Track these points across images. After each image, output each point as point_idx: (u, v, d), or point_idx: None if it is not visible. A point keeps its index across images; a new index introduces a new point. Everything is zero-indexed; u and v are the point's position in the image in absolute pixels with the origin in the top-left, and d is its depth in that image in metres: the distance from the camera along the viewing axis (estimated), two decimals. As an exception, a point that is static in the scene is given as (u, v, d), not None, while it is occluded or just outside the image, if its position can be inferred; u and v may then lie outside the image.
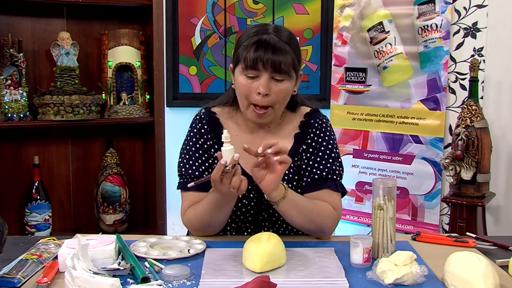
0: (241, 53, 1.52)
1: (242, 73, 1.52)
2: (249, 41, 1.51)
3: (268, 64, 1.47)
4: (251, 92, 1.51)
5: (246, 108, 1.55)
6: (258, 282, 1.14)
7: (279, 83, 1.51)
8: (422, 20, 2.62)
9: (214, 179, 1.35)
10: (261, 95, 1.49)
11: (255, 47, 1.49)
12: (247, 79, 1.51)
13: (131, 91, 2.75)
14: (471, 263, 1.20)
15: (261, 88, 1.48)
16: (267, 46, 1.48)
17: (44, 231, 2.59)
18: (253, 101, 1.51)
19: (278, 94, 1.51)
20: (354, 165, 2.85)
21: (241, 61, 1.51)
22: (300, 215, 1.50)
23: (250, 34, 1.53)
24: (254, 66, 1.48)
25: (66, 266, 1.18)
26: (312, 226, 1.54)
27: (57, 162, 2.75)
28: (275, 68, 1.48)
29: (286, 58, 1.49)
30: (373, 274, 1.27)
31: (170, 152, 2.69)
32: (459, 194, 2.44)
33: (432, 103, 2.63)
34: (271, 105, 1.52)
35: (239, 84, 1.53)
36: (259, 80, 1.49)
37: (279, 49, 1.49)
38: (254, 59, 1.48)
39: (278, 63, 1.48)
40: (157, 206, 2.72)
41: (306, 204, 1.52)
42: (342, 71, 2.87)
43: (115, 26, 2.73)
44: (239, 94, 1.56)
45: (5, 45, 2.48)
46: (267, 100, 1.50)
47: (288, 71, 1.50)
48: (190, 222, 1.58)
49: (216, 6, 3.02)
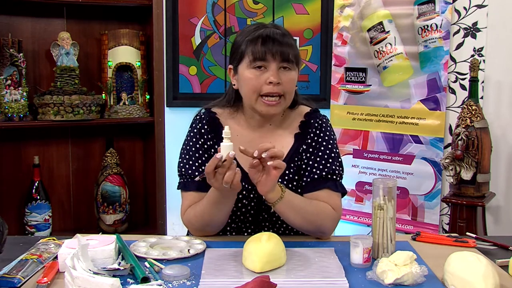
0: (245, 48, 1.54)
1: (249, 67, 1.53)
2: (252, 35, 1.54)
3: (278, 54, 1.51)
4: (261, 84, 1.52)
5: (255, 102, 1.55)
6: (258, 282, 1.14)
7: (287, 72, 1.53)
8: (422, 20, 2.62)
9: (207, 171, 1.36)
10: (273, 84, 1.50)
11: (262, 40, 1.52)
12: (255, 72, 1.52)
13: (131, 91, 2.75)
14: (471, 263, 1.20)
15: (272, 78, 1.50)
16: (273, 39, 1.52)
17: (44, 231, 2.59)
18: (264, 91, 1.52)
19: (289, 82, 1.53)
20: (354, 165, 2.85)
21: (246, 56, 1.53)
22: (298, 216, 1.50)
23: (251, 31, 1.56)
24: (263, 58, 1.51)
25: (66, 266, 1.18)
26: (311, 227, 1.54)
27: (57, 162, 2.75)
28: (284, 58, 1.52)
29: (292, 49, 1.54)
30: (373, 274, 1.27)
31: (170, 152, 2.69)
32: (459, 194, 2.44)
33: (432, 103, 2.63)
34: (282, 94, 1.53)
35: (246, 79, 1.54)
36: (268, 71, 1.51)
37: (284, 41, 1.53)
38: (263, 51, 1.51)
39: (286, 53, 1.52)
40: (157, 206, 2.72)
41: (304, 205, 1.53)
42: (342, 71, 2.87)
43: (115, 26, 2.73)
44: (247, 89, 1.55)
45: (5, 45, 2.48)
46: (278, 88, 1.52)
47: (294, 61, 1.54)
48: (190, 221, 1.58)
49: (216, 6, 3.02)
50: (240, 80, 1.57)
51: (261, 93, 1.52)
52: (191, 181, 1.60)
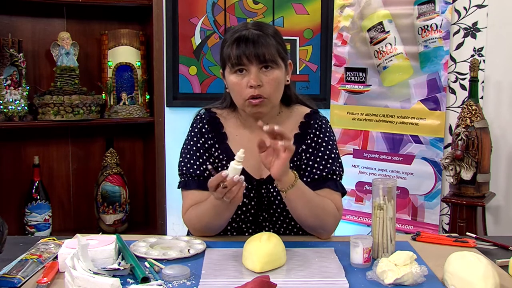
0: (225, 53, 1.55)
1: (231, 73, 1.54)
2: (230, 39, 1.54)
3: (252, 57, 1.50)
4: (244, 88, 1.52)
5: (242, 105, 1.56)
6: (258, 282, 1.14)
7: (268, 73, 1.53)
8: (422, 20, 2.62)
9: (210, 185, 1.37)
10: (253, 87, 1.50)
11: (237, 44, 1.51)
12: (237, 77, 1.53)
13: (131, 91, 2.75)
14: (471, 263, 1.20)
15: (252, 81, 1.50)
16: (247, 41, 1.51)
17: (44, 231, 2.59)
18: (247, 96, 1.52)
19: (270, 83, 1.53)
20: (354, 165, 2.85)
21: (227, 62, 1.54)
22: (305, 207, 1.49)
23: (231, 34, 1.56)
24: (240, 62, 1.51)
25: (66, 266, 1.18)
26: (315, 221, 1.53)
27: (57, 162, 2.75)
28: (260, 60, 1.51)
29: (268, 49, 1.51)
30: (373, 274, 1.27)
31: (170, 152, 2.69)
32: (459, 194, 2.44)
33: (432, 103, 2.63)
34: (266, 97, 1.53)
35: (231, 84, 1.55)
36: (249, 74, 1.51)
37: (259, 42, 1.51)
38: (238, 55, 1.50)
39: (262, 54, 1.50)
40: (157, 206, 2.72)
41: (313, 197, 1.52)
42: (342, 71, 2.87)
43: (115, 26, 2.73)
44: (233, 94, 1.57)
45: (5, 45, 2.48)
46: (260, 91, 1.51)
47: (274, 60, 1.53)
48: (191, 221, 1.58)
49: (216, 6, 3.02)
50: (227, 85, 1.59)
51: (245, 97, 1.53)
52: (191, 180, 1.60)
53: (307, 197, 1.50)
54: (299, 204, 1.49)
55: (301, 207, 1.50)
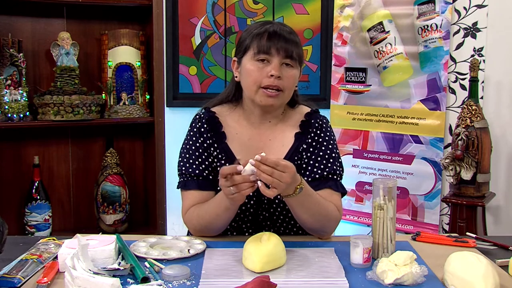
0: (251, 41, 1.56)
1: (252, 59, 1.55)
2: (259, 30, 1.56)
3: (282, 49, 1.53)
4: (262, 76, 1.53)
5: (255, 93, 1.56)
6: (258, 282, 1.14)
7: (289, 69, 1.55)
8: (422, 20, 2.62)
9: (222, 172, 1.36)
10: (274, 77, 1.52)
11: (268, 35, 1.54)
12: (258, 64, 1.54)
13: (131, 91, 2.75)
14: (471, 263, 1.20)
15: (273, 71, 1.52)
16: (279, 35, 1.54)
17: (44, 231, 2.59)
18: (264, 84, 1.53)
19: (289, 79, 1.55)
20: (354, 165, 2.85)
21: (251, 48, 1.56)
22: (307, 214, 1.49)
23: (257, 26, 1.59)
24: (267, 51, 1.53)
25: (66, 266, 1.18)
26: (318, 225, 1.53)
27: (57, 162, 2.75)
28: (287, 54, 1.54)
29: (296, 48, 1.56)
30: (373, 274, 1.27)
31: (170, 152, 2.69)
32: (459, 194, 2.44)
33: (432, 103, 2.63)
34: (282, 89, 1.54)
35: (249, 70, 1.56)
36: (270, 65, 1.53)
37: (290, 39, 1.55)
38: (268, 45, 1.53)
39: (290, 50, 1.54)
40: (157, 206, 2.72)
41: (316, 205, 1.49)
42: (342, 71, 2.87)
43: (115, 26, 2.73)
44: (248, 80, 1.57)
45: (5, 45, 2.48)
46: (278, 82, 1.53)
47: (297, 59, 1.56)
48: (191, 221, 1.58)
49: (216, 6, 3.02)
50: (242, 71, 1.59)
51: (261, 85, 1.54)
52: (191, 180, 1.60)
53: (309, 205, 1.48)
54: (301, 210, 1.49)
55: (302, 213, 1.50)
